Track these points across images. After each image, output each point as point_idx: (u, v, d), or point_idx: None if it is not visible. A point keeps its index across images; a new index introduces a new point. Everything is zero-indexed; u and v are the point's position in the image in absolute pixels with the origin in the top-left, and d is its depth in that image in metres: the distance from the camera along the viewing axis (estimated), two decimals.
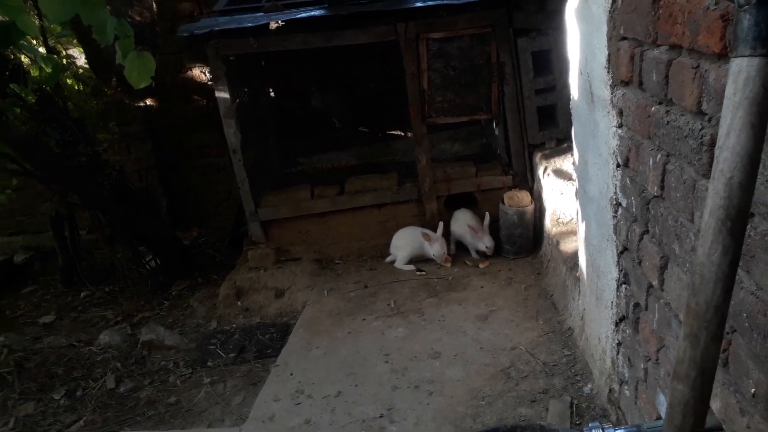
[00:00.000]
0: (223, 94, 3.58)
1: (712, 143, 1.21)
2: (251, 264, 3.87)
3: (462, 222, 3.77)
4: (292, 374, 2.82)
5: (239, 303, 3.71)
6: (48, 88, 3.85)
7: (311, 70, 4.85)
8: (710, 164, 1.22)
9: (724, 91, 1.12)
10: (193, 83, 5.21)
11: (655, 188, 1.53)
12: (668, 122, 1.41)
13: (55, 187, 4.05)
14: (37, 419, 2.81)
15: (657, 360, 1.67)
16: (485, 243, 3.66)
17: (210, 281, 4.21)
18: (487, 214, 3.68)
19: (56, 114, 3.79)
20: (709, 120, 1.22)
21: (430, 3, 3.53)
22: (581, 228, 2.41)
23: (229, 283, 3.77)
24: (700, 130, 1.25)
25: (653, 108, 1.50)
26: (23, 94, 3.52)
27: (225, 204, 5.45)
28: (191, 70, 5.17)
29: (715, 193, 0.93)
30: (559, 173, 3.30)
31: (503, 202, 3.64)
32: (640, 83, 1.57)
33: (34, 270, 4.97)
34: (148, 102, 5.19)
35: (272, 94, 4.97)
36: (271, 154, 4.60)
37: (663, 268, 1.55)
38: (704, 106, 1.22)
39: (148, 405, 2.85)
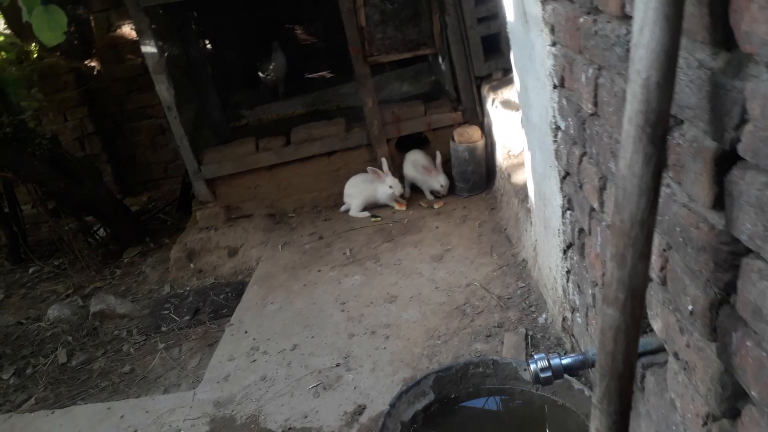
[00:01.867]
0: (149, 49, 3.37)
1: None
2: (201, 224, 3.75)
3: (415, 163, 3.68)
4: (246, 332, 2.75)
5: (192, 265, 3.60)
6: None
7: (246, 18, 4.61)
8: None
9: None
10: (124, 42, 4.92)
11: (589, 105, 1.45)
12: (596, 32, 1.32)
13: None
14: None
15: (603, 285, 1.63)
16: (440, 182, 3.59)
17: (162, 246, 4.07)
18: (438, 152, 3.59)
19: None
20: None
21: None
22: (527, 157, 2.34)
23: (180, 246, 3.65)
24: (626, 35, 1.16)
25: (582, 19, 1.40)
26: None
27: (173, 165, 5.26)
28: (120, 28, 4.88)
29: (632, 96, 0.85)
30: (507, 104, 3.21)
31: (453, 139, 3.55)
32: None
33: None
34: (90, 64, 4.89)
35: (209, 46, 4.73)
36: (212, 109, 4.40)
37: (602, 189, 1.49)
38: (627, 9, 1.13)
39: (101, 376, 2.76)
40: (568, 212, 1.88)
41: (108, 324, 3.20)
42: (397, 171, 3.72)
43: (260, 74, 4.85)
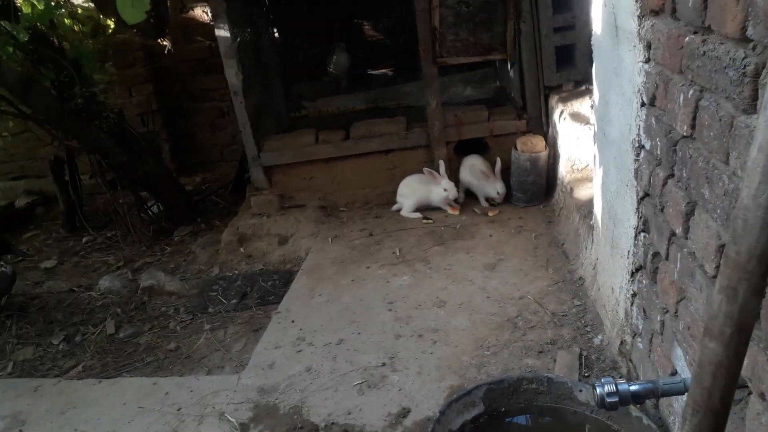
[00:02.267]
0: (223, 33, 3.41)
1: (757, 74, 1.07)
2: (254, 210, 3.78)
3: (472, 168, 3.63)
4: (293, 321, 2.75)
5: (242, 249, 3.63)
6: (42, 27, 3.68)
7: (316, 10, 4.64)
8: (753, 98, 1.09)
9: None
10: (195, 24, 5.01)
11: (685, 128, 1.39)
12: (705, 53, 1.26)
13: (53, 130, 3.92)
14: (36, 364, 2.77)
15: (676, 312, 1.57)
16: (497, 188, 3.53)
17: (213, 227, 4.12)
18: (498, 159, 3.54)
19: (51, 53, 3.62)
20: (754, 47, 1.08)
21: None
22: (598, 173, 2.28)
23: (232, 230, 3.68)
24: (744, 59, 1.10)
25: (687, 38, 1.35)
26: (15, 32, 3.35)
27: (230, 149, 5.34)
28: (192, 10, 4.97)
29: (766, 125, 0.79)
30: (577, 117, 3.13)
31: (516, 148, 3.49)
32: (674, 11, 1.41)
33: (37, 214, 4.90)
34: (163, 42, 4.98)
35: (276, 34, 4.76)
36: (276, 98, 4.44)
37: (689, 215, 1.43)
38: (750, 32, 1.07)
39: (147, 351, 2.80)
40: (642, 234, 1.82)
41: (156, 300, 3.25)
42: (453, 175, 3.68)
43: (328, 68, 4.87)
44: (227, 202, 4.52)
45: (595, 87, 2.22)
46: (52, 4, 3.67)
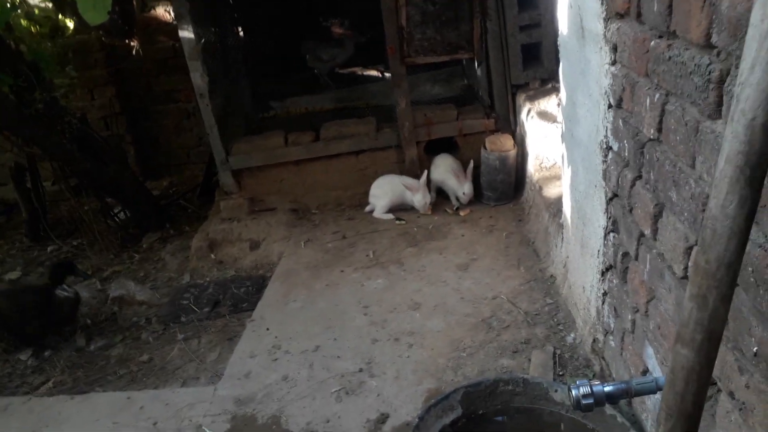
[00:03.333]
0: (187, 34, 3.34)
1: (721, 80, 1.09)
2: (224, 215, 3.73)
3: (443, 167, 3.64)
4: (268, 329, 2.73)
5: (213, 255, 3.58)
6: None
7: (282, 7, 4.59)
8: (718, 104, 1.11)
9: (737, 21, 1.00)
10: (157, 23, 4.91)
11: (652, 131, 1.42)
12: (670, 57, 1.28)
13: (12, 136, 3.80)
14: (4, 381, 2.69)
15: (646, 312, 1.60)
16: (464, 189, 3.54)
17: (182, 233, 4.06)
18: (471, 161, 3.56)
19: (7, 57, 3.52)
20: (719, 54, 1.09)
21: None
22: (567, 173, 2.30)
23: (202, 235, 3.63)
24: (708, 65, 1.12)
25: (653, 42, 1.37)
26: None
27: (197, 151, 5.26)
28: (155, 9, 4.87)
29: (733, 136, 0.81)
30: (544, 115, 3.17)
31: (485, 147, 3.51)
32: (639, 15, 1.43)
33: None
34: (131, 43, 4.87)
35: (242, 34, 4.70)
36: (243, 98, 4.38)
37: (657, 217, 1.45)
38: (714, 39, 1.09)
39: (119, 363, 2.74)
40: (612, 234, 1.85)
41: (127, 310, 3.19)
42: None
43: (310, 60, 4.75)
44: (196, 206, 4.45)
45: (562, 87, 2.25)
46: (8, 5, 3.57)
